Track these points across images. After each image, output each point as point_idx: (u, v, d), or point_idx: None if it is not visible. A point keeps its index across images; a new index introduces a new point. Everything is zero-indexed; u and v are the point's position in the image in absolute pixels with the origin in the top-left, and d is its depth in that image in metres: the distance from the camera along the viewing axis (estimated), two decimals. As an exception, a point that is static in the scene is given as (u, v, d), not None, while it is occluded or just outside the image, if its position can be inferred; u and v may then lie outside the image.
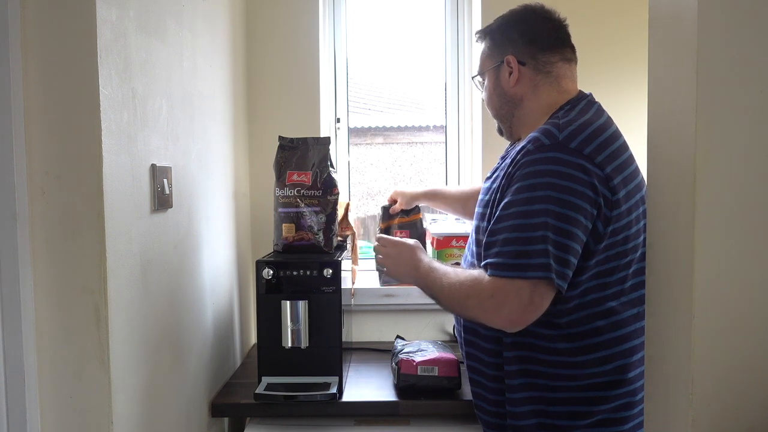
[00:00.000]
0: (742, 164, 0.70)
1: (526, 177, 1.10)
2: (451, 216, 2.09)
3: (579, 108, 1.19)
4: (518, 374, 1.17)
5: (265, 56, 1.96)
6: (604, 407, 1.14)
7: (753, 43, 0.69)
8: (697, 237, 0.70)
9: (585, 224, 1.08)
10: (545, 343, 1.15)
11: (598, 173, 1.08)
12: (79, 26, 0.93)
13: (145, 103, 1.11)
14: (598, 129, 1.13)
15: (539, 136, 1.13)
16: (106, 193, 0.96)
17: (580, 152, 1.09)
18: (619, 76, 1.86)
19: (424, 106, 2.36)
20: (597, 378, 1.14)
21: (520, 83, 1.25)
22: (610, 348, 1.13)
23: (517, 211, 1.09)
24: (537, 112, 1.24)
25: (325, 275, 1.43)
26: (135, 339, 1.07)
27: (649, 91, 0.85)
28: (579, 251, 1.09)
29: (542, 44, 1.24)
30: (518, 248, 1.07)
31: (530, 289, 1.06)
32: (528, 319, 1.08)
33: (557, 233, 1.06)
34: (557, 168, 1.08)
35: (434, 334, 1.98)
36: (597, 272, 1.12)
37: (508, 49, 1.25)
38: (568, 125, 1.13)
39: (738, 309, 0.71)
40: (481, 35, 1.33)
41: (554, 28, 1.26)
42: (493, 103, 1.31)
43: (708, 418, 0.71)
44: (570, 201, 1.06)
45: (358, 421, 1.46)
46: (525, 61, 1.24)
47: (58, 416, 0.97)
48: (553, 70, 1.24)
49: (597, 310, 1.13)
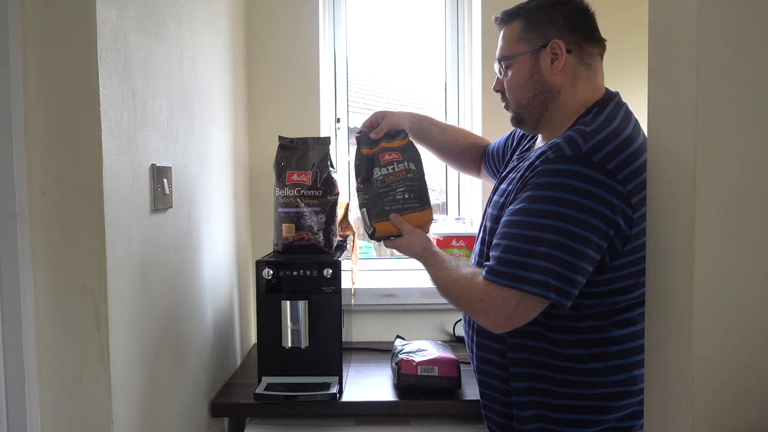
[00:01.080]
0: (742, 164, 0.70)
1: (542, 188, 1.06)
2: (451, 216, 2.10)
3: (607, 112, 1.13)
4: (524, 377, 1.15)
5: (265, 56, 1.96)
6: (612, 416, 1.13)
7: (753, 43, 0.69)
8: (697, 237, 0.70)
9: (598, 243, 1.03)
10: (557, 348, 1.13)
11: (619, 190, 1.03)
12: (79, 26, 0.93)
13: (145, 103, 1.11)
14: (626, 141, 1.06)
15: (562, 144, 1.07)
16: (106, 193, 0.96)
17: (602, 167, 1.03)
18: (619, 76, 1.86)
19: (424, 106, 2.36)
20: (607, 388, 1.12)
21: (562, 72, 1.15)
22: (625, 357, 1.11)
23: (525, 220, 1.06)
24: (570, 109, 1.17)
25: (325, 275, 1.43)
26: (135, 339, 1.07)
27: (649, 91, 0.85)
28: (589, 270, 1.05)
29: (586, 34, 1.16)
30: (518, 259, 1.04)
31: (517, 300, 1.05)
32: (512, 326, 1.08)
33: (565, 251, 1.02)
34: (575, 183, 1.03)
35: (434, 334, 1.98)
36: (612, 289, 1.09)
37: (552, 33, 1.15)
38: (594, 135, 1.06)
39: (738, 309, 0.71)
40: (510, 15, 1.21)
41: (593, 19, 1.18)
42: (526, 92, 1.19)
43: (708, 418, 0.71)
44: (583, 220, 1.02)
45: (358, 421, 1.46)
46: (571, 49, 1.15)
47: (58, 416, 0.97)
48: (593, 63, 1.17)
49: (613, 320, 1.11)
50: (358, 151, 1.39)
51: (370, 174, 1.36)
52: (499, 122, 1.87)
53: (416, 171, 1.37)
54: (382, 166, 1.36)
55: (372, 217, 1.34)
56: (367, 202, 1.34)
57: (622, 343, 1.11)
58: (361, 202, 1.36)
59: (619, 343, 1.11)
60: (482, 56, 1.95)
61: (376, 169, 1.36)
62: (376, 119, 1.43)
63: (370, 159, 1.38)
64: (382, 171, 1.36)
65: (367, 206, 1.34)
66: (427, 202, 1.36)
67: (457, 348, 1.72)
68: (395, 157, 1.37)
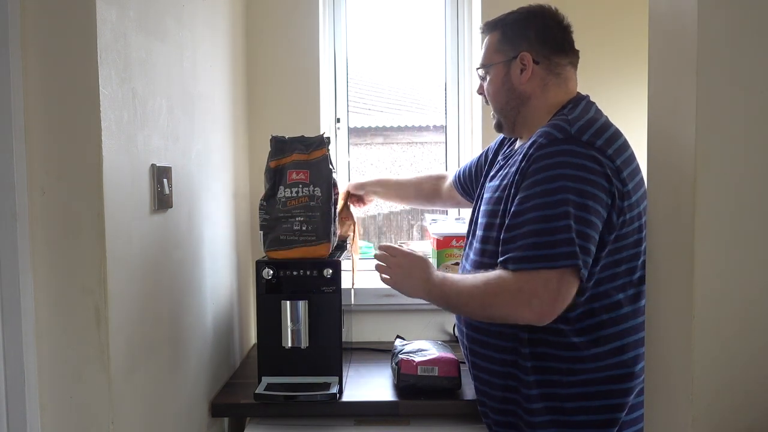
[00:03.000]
0: (742, 165, 0.70)
1: (542, 170, 1.11)
2: (451, 216, 2.09)
3: (581, 107, 1.22)
4: (533, 371, 1.17)
5: (265, 56, 1.96)
6: (621, 400, 1.16)
7: (753, 43, 0.69)
8: (697, 237, 0.70)
9: (602, 213, 1.10)
10: (560, 338, 1.15)
11: (609, 165, 1.11)
12: (79, 26, 0.93)
13: (145, 102, 1.11)
14: (604, 125, 1.16)
15: (550, 131, 1.15)
16: (106, 193, 0.96)
17: (591, 145, 1.11)
18: (619, 76, 1.86)
19: (424, 106, 2.36)
20: (610, 371, 1.15)
21: (530, 81, 1.25)
22: (620, 339, 1.15)
23: (537, 203, 1.10)
24: (542, 111, 1.26)
25: (325, 275, 1.43)
26: (135, 339, 1.07)
27: (649, 91, 0.85)
28: (597, 239, 1.10)
29: (556, 46, 1.26)
30: (543, 239, 1.08)
31: (557, 279, 1.08)
32: (557, 310, 1.09)
33: (578, 222, 1.07)
34: (573, 159, 1.10)
35: (434, 334, 1.98)
36: (607, 263, 1.13)
37: (522, 45, 1.26)
38: (577, 120, 1.15)
39: (738, 309, 0.71)
40: (490, 27, 1.32)
41: (566, 32, 1.28)
42: (499, 98, 1.31)
43: (708, 418, 0.71)
44: (587, 191, 1.08)
45: (358, 421, 1.46)
46: (539, 60, 1.25)
47: (58, 416, 0.97)
48: (563, 72, 1.27)
49: (605, 302, 1.14)
50: (267, 163, 1.43)
51: (275, 191, 1.39)
52: (499, 122, 1.88)
53: (321, 198, 1.39)
54: (287, 186, 1.39)
55: (266, 245, 1.40)
56: (266, 224, 1.40)
57: (617, 325, 1.15)
58: (261, 222, 1.40)
59: (615, 325, 1.15)
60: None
61: (281, 188, 1.39)
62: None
63: (277, 172, 1.40)
64: (285, 193, 1.38)
65: (264, 230, 1.40)
66: (326, 235, 1.39)
67: (457, 348, 1.71)
68: (302, 178, 1.38)
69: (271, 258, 1.43)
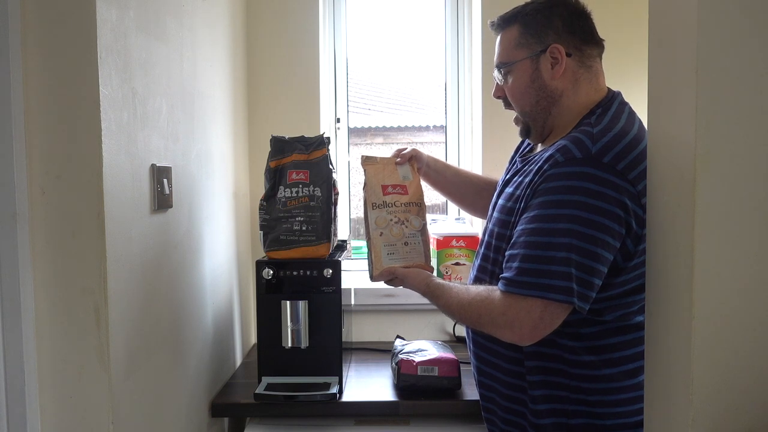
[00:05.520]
0: (741, 165, 0.70)
1: (554, 192, 1.04)
2: (451, 216, 2.09)
3: (612, 112, 1.12)
4: (540, 385, 1.13)
5: (265, 56, 1.96)
6: (631, 420, 1.11)
7: (753, 43, 0.69)
8: (697, 237, 0.70)
9: (612, 244, 1.02)
10: (570, 355, 1.11)
11: (630, 190, 1.02)
12: (79, 26, 0.93)
13: (145, 102, 1.11)
14: (633, 142, 1.05)
15: (570, 146, 1.05)
16: (106, 193, 0.96)
17: (612, 167, 1.02)
18: (618, 76, 1.86)
19: (424, 106, 2.36)
20: (622, 393, 1.10)
21: (563, 76, 1.14)
22: (637, 361, 1.09)
23: (540, 227, 1.04)
24: (573, 112, 1.15)
25: (325, 275, 1.43)
26: (135, 339, 1.07)
27: (649, 91, 0.85)
28: (604, 272, 1.03)
29: (585, 36, 1.15)
30: (538, 267, 1.02)
31: (541, 309, 1.02)
32: (537, 336, 1.05)
33: (582, 255, 1.01)
34: (587, 185, 1.01)
35: (434, 334, 1.98)
36: (625, 291, 1.08)
37: (550, 37, 1.14)
38: (602, 135, 1.05)
39: (738, 309, 0.71)
40: (506, 21, 1.19)
41: (590, 19, 1.17)
42: (528, 99, 1.18)
43: (708, 418, 0.71)
44: (597, 222, 1.01)
45: (358, 421, 1.46)
46: (571, 52, 1.14)
47: (58, 416, 0.97)
48: (594, 64, 1.16)
49: (621, 324, 1.10)
50: (267, 163, 1.43)
51: (275, 191, 1.40)
52: (499, 123, 1.88)
53: (321, 198, 1.39)
54: (287, 186, 1.39)
55: (266, 245, 1.40)
56: (266, 225, 1.40)
57: (634, 347, 1.10)
58: (261, 222, 1.40)
59: (631, 347, 1.10)
60: (482, 57, 1.94)
61: (281, 188, 1.40)
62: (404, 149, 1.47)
63: (278, 172, 1.41)
64: (285, 193, 1.39)
65: (264, 230, 1.39)
66: (326, 235, 1.39)
67: (457, 348, 1.71)
68: (302, 178, 1.38)
69: (271, 258, 1.43)
